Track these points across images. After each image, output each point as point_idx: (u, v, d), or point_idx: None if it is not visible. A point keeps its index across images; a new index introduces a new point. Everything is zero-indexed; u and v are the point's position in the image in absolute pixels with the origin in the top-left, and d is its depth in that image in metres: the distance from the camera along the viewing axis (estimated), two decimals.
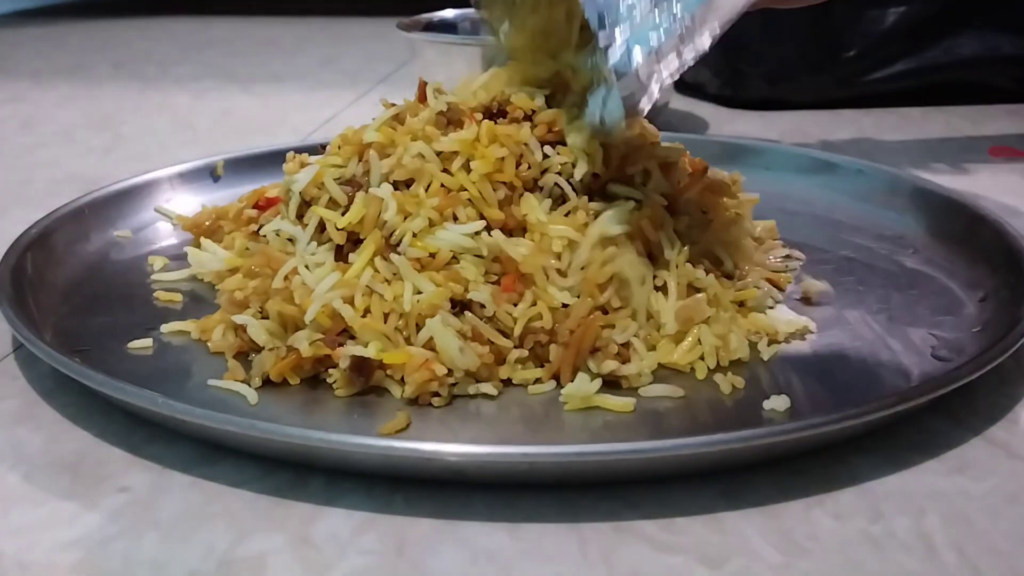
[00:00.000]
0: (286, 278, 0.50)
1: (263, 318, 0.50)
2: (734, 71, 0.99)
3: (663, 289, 0.51)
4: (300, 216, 0.54)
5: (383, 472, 0.42)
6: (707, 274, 0.52)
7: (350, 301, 0.49)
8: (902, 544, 0.38)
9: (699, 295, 0.51)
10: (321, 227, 0.52)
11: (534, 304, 0.49)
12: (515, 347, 0.48)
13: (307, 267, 0.51)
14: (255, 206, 0.60)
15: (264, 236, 0.55)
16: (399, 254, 0.50)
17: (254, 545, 0.39)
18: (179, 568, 0.38)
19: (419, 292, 0.48)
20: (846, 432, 0.43)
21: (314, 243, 0.52)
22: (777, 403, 0.46)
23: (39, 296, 0.55)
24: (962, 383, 0.44)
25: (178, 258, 0.61)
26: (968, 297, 0.55)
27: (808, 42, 0.98)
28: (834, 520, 0.40)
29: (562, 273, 0.49)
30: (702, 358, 0.49)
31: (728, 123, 0.93)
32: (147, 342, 0.52)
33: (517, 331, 0.48)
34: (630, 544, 0.39)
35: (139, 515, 0.40)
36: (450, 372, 0.47)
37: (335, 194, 0.52)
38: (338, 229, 0.51)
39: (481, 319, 0.48)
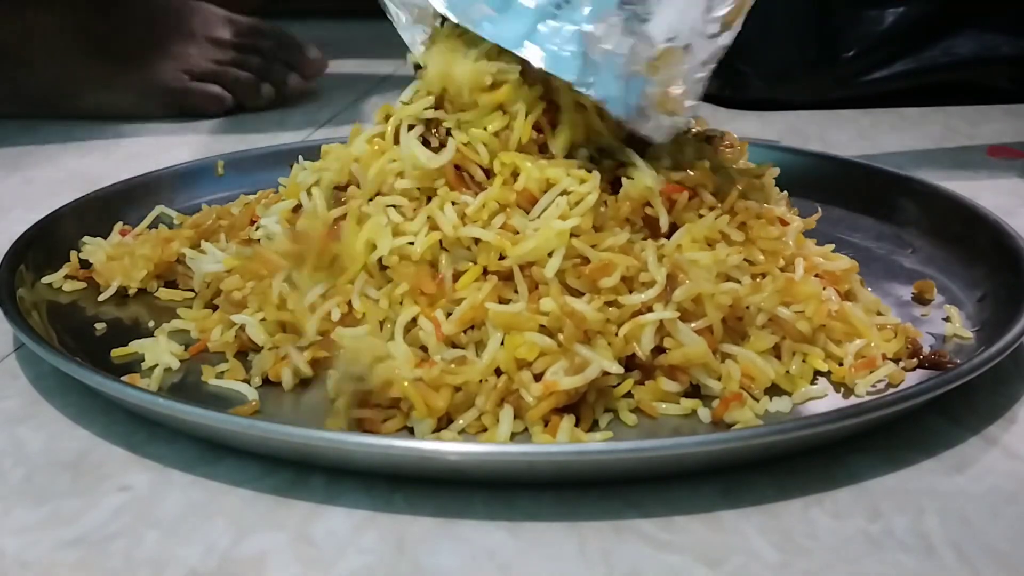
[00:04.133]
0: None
1: (262, 319, 0.50)
2: (733, 71, 0.99)
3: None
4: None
5: (383, 471, 0.42)
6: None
7: (346, 307, 0.49)
8: (900, 543, 0.39)
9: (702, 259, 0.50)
10: None
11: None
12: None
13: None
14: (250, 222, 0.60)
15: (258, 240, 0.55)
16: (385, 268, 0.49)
17: (254, 544, 0.39)
18: (180, 567, 0.38)
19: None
20: (845, 431, 0.43)
21: None
22: (779, 404, 0.46)
23: (40, 296, 0.55)
24: (961, 383, 0.44)
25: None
26: (966, 296, 0.55)
27: (807, 43, 0.98)
28: (833, 519, 0.40)
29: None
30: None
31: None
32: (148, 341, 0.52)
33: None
34: (629, 543, 0.39)
35: (140, 514, 0.40)
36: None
37: (321, 209, 0.52)
38: None
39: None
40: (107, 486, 0.42)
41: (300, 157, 0.55)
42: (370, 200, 0.50)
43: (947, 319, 0.53)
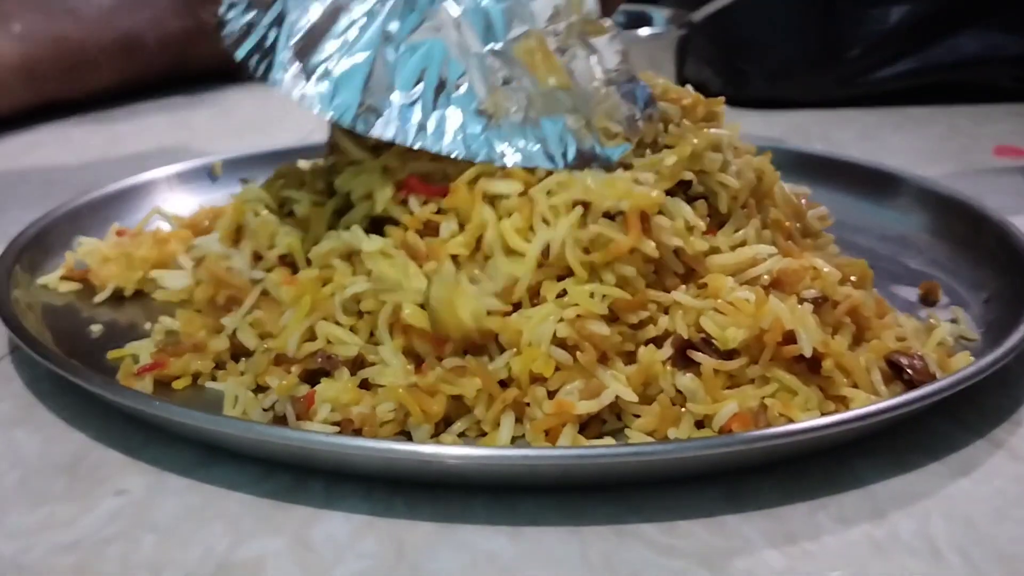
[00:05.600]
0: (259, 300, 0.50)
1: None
2: (736, 70, 0.99)
3: None
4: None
5: (382, 475, 0.42)
6: None
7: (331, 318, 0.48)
8: (906, 547, 0.38)
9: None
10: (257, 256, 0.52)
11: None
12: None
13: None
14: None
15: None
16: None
17: (252, 548, 0.38)
18: (177, 571, 0.37)
19: None
20: (849, 434, 0.43)
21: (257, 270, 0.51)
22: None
23: (36, 297, 0.55)
24: (966, 385, 0.44)
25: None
26: (972, 298, 0.55)
27: (810, 41, 0.98)
28: (837, 523, 0.40)
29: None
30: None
31: (730, 122, 0.93)
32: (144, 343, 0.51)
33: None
34: (631, 547, 0.38)
35: (137, 518, 0.40)
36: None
37: (280, 232, 0.51)
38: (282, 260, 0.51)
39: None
40: (103, 490, 0.42)
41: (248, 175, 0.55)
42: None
43: (953, 320, 0.53)
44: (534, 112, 0.49)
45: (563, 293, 0.46)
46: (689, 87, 0.56)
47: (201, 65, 1.02)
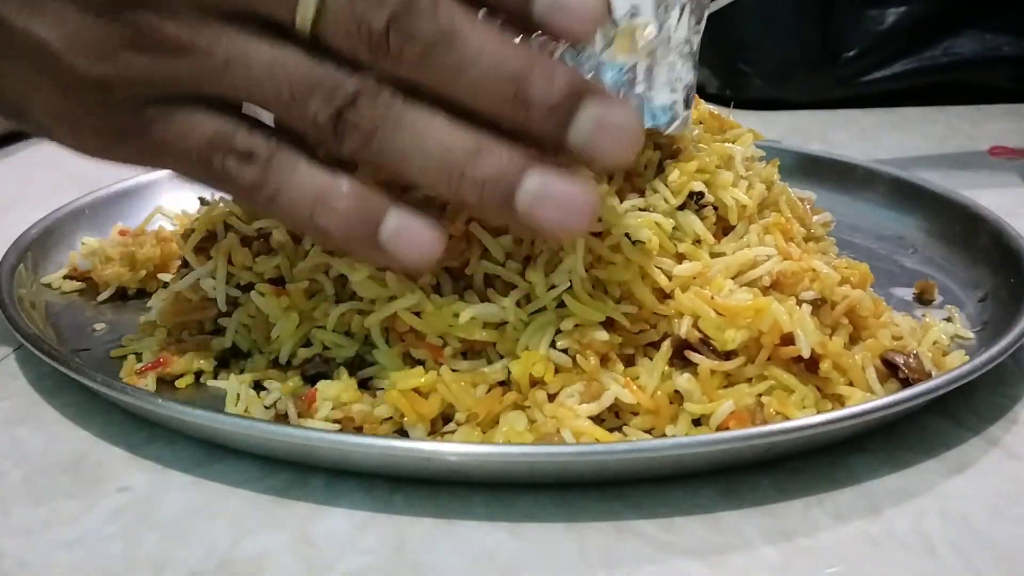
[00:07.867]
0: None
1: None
2: (733, 71, 0.99)
3: None
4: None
5: (383, 472, 0.42)
6: None
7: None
8: (901, 544, 0.39)
9: None
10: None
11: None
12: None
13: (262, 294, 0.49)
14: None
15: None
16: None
17: (254, 544, 0.39)
18: (179, 567, 0.38)
19: None
20: (845, 432, 0.43)
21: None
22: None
23: (39, 296, 0.55)
24: (962, 383, 0.44)
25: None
26: (968, 297, 0.55)
27: (808, 42, 0.98)
28: (833, 519, 0.40)
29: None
30: None
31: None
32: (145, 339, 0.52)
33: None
34: (629, 543, 0.39)
35: (139, 515, 0.40)
36: None
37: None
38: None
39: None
40: (106, 487, 0.42)
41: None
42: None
43: (948, 320, 0.53)
44: (604, 50, 0.47)
45: (561, 303, 0.46)
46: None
47: None
